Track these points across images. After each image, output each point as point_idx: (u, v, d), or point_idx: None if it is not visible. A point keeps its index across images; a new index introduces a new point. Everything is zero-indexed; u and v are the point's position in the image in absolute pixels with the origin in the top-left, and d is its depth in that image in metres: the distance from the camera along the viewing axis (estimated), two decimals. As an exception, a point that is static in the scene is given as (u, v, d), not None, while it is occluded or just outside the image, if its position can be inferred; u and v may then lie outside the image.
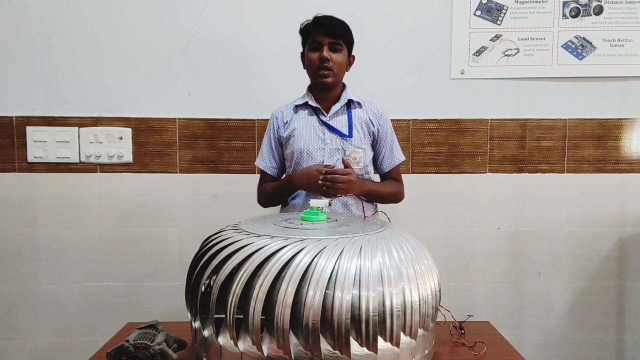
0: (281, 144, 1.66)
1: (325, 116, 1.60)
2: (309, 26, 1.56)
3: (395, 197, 1.67)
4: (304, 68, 1.61)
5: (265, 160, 1.68)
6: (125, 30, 2.06)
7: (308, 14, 1.59)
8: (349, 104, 1.62)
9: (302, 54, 1.62)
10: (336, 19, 1.55)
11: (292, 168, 1.62)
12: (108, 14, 2.05)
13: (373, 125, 1.63)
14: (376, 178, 1.72)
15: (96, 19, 2.05)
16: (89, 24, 2.05)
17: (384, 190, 1.63)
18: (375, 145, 1.66)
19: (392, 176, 1.69)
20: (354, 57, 1.64)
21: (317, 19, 1.55)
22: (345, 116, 1.61)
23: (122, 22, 2.05)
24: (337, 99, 1.61)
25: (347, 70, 1.62)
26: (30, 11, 2.04)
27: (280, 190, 1.64)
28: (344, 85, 1.64)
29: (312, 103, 1.60)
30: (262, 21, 2.07)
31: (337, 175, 1.45)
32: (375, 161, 1.68)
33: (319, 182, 1.46)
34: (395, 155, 1.67)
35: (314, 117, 1.60)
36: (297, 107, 1.63)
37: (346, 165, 1.52)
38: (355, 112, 1.62)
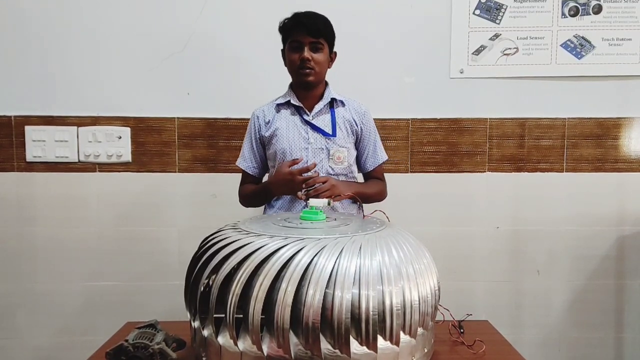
0: (263, 143, 1.63)
1: (309, 115, 1.58)
2: (289, 24, 1.52)
3: (379, 196, 1.66)
4: (285, 66, 1.58)
5: (246, 160, 1.66)
6: (124, 30, 2.05)
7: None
8: (332, 102, 1.60)
9: (283, 52, 1.59)
10: (316, 16, 1.51)
11: (274, 168, 1.60)
12: (107, 13, 2.04)
13: (356, 125, 1.61)
14: (359, 177, 1.71)
15: (95, 19, 2.04)
16: (87, 23, 2.05)
17: (369, 190, 1.62)
18: (358, 144, 1.64)
19: (375, 175, 1.68)
20: (335, 53, 1.60)
21: (296, 17, 1.50)
22: (329, 115, 1.59)
23: (120, 21, 2.05)
24: (320, 98, 1.59)
25: (329, 67, 1.59)
26: (29, 10, 2.03)
27: (259, 195, 1.63)
28: (326, 83, 1.62)
29: (295, 102, 1.57)
30: (260, 20, 2.06)
31: (317, 186, 1.43)
32: (359, 160, 1.67)
33: (300, 195, 1.43)
34: (378, 154, 1.66)
35: (297, 117, 1.58)
36: (279, 106, 1.60)
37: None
38: (339, 111, 1.60)
